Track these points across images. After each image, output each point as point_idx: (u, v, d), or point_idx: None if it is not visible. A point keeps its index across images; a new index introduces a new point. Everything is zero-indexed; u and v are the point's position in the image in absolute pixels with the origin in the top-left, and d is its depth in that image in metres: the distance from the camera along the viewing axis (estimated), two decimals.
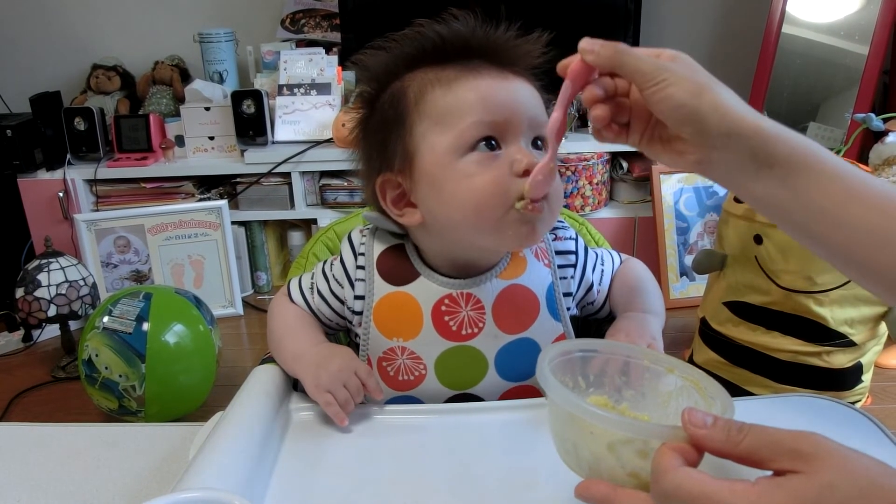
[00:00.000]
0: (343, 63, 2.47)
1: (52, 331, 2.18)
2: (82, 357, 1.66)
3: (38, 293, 1.93)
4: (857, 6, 2.27)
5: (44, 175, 2.40)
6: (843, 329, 1.58)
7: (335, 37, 2.59)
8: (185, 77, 2.65)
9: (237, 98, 2.34)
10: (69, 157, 2.41)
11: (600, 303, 0.82)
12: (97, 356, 1.63)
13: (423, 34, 0.70)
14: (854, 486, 0.39)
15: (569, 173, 2.30)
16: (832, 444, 0.41)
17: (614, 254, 0.85)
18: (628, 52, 0.56)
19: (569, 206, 2.30)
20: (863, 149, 2.07)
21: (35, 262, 1.98)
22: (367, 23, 2.44)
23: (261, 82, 2.51)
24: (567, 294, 0.77)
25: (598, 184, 2.35)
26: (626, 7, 2.44)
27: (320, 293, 0.79)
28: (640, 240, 2.38)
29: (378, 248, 0.76)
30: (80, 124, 2.38)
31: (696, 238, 2.35)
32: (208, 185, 2.48)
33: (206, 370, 1.72)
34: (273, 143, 2.42)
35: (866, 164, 1.84)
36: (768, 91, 2.44)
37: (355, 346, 0.77)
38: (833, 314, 1.57)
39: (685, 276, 2.34)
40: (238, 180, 2.42)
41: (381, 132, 0.72)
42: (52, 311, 1.94)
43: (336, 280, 0.78)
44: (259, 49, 2.61)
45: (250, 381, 0.73)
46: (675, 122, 0.55)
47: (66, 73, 2.74)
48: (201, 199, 2.41)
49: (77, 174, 2.38)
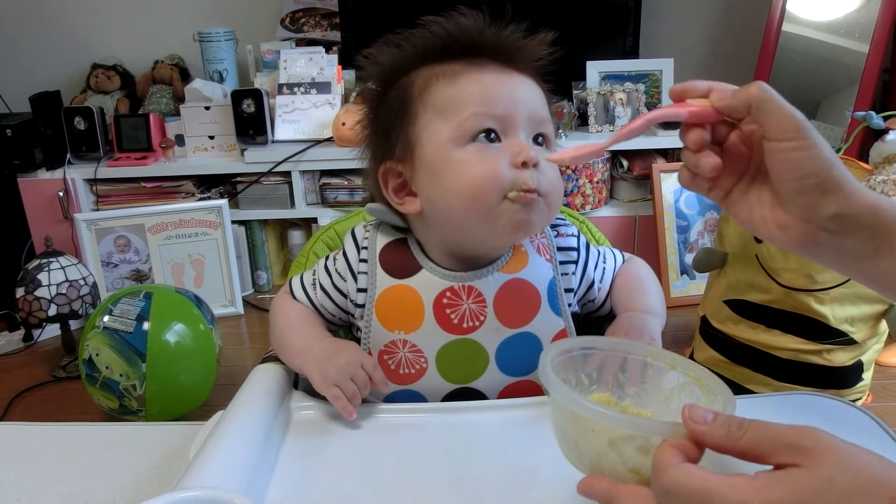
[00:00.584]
0: (343, 62, 2.47)
1: (53, 330, 2.18)
2: (83, 356, 1.66)
3: (39, 293, 1.93)
4: (858, 4, 2.27)
5: (44, 174, 2.40)
6: (844, 327, 1.58)
7: (335, 36, 2.59)
8: (185, 76, 2.65)
9: (237, 97, 2.34)
10: (69, 156, 2.41)
11: (601, 300, 0.82)
12: (98, 355, 1.63)
13: (433, 32, 0.71)
14: (853, 481, 0.39)
15: (569, 172, 2.30)
16: (832, 439, 0.41)
17: (617, 252, 0.85)
18: (771, 97, 0.49)
19: (569, 205, 2.30)
20: (863, 147, 2.07)
21: (35, 262, 1.98)
22: (366, 22, 2.44)
23: (261, 81, 2.51)
24: (568, 290, 0.78)
25: (598, 182, 2.35)
26: (627, 5, 2.44)
27: (323, 288, 0.79)
28: (641, 238, 2.38)
29: (381, 242, 0.77)
30: (80, 124, 2.38)
31: (696, 236, 2.35)
32: (208, 184, 2.48)
33: (206, 369, 1.72)
34: (273, 142, 2.42)
35: (867, 162, 1.83)
36: None
37: (357, 342, 0.77)
38: (833, 312, 1.57)
39: (686, 275, 2.34)
40: (238, 179, 2.42)
41: (386, 122, 0.73)
42: (52, 311, 1.95)
43: (339, 274, 0.78)
44: (259, 48, 2.61)
45: (251, 380, 0.73)
46: (794, 191, 0.49)
47: (66, 72, 2.74)
48: (201, 199, 2.41)
49: (77, 174, 2.38)
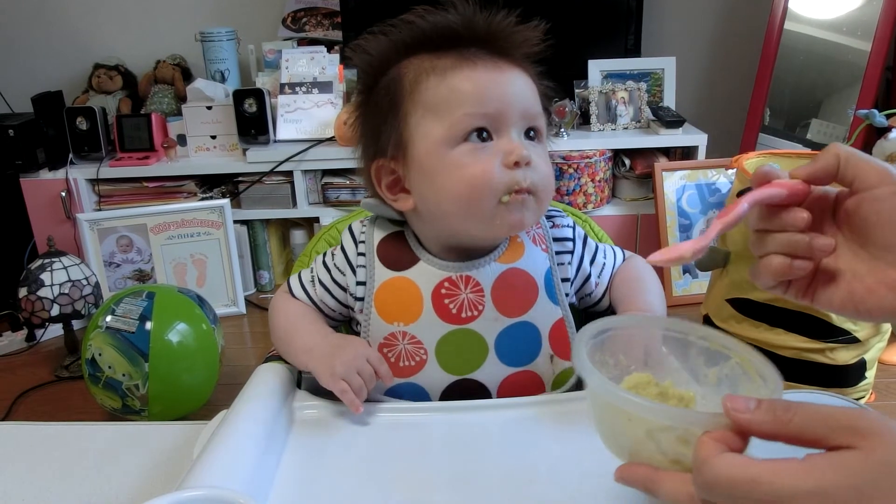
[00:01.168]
0: (345, 61, 2.47)
1: (56, 330, 2.18)
2: (85, 356, 1.66)
3: (41, 293, 1.93)
4: (860, 2, 2.27)
5: (46, 175, 2.40)
6: (847, 325, 1.58)
7: (336, 35, 2.59)
8: (187, 76, 2.65)
9: (239, 97, 2.34)
10: (71, 156, 2.41)
11: (598, 295, 0.82)
12: (100, 355, 1.63)
13: (421, 21, 0.71)
14: None
15: (571, 170, 2.30)
16: (889, 422, 0.38)
17: (617, 250, 0.85)
18: (853, 151, 0.45)
19: (571, 204, 2.30)
20: (865, 145, 2.07)
21: (38, 262, 1.98)
22: (368, 21, 2.42)
23: (262, 81, 2.51)
24: (565, 280, 0.78)
25: (600, 181, 2.35)
26: (629, 4, 2.44)
27: (322, 283, 0.79)
28: (643, 237, 2.37)
29: (378, 236, 0.77)
30: (82, 124, 2.38)
31: (698, 235, 2.35)
32: (210, 184, 2.48)
33: (209, 369, 1.72)
34: (275, 141, 2.42)
35: None
36: (771, 88, 2.43)
37: (357, 336, 0.78)
38: None
39: (688, 274, 2.34)
40: (240, 179, 2.42)
41: (376, 119, 0.73)
42: (55, 311, 1.95)
43: (338, 268, 0.79)
44: (261, 48, 2.61)
45: (254, 379, 0.73)
46: None
47: (68, 72, 2.75)
48: (203, 198, 2.41)
49: (79, 174, 2.38)
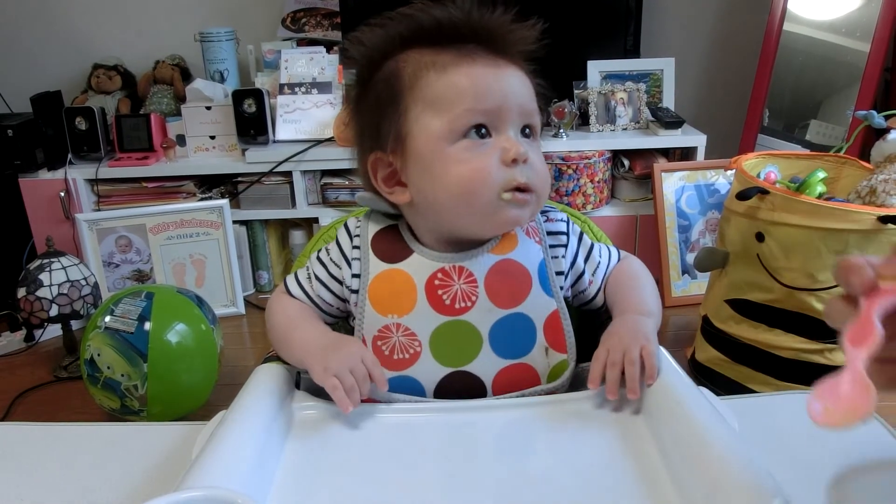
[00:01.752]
0: (343, 58, 2.47)
1: (54, 330, 2.18)
2: (84, 357, 1.66)
3: (40, 293, 1.93)
4: (859, 3, 2.27)
5: (45, 175, 2.40)
6: None
7: (336, 36, 2.59)
8: (186, 76, 2.65)
9: (238, 97, 2.34)
10: (70, 156, 2.41)
11: (592, 293, 0.82)
12: (99, 356, 1.63)
13: (420, 14, 0.71)
14: None
15: (570, 171, 2.30)
16: None
17: (613, 250, 0.85)
18: None
19: (570, 205, 2.30)
20: (864, 146, 2.07)
21: (37, 262, 1.98)
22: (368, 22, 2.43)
23: (262, 81, 2.51)
24: (559, 273, 0.78)
25: (599, 182, 2.35)
26: (628, 4, 2.44)
27: (318, 278, 0.80)
28: (642, 238, 2.37)
29: (372, 230, 0.78)
30: (81, 124, 2.38)
31: (697, 236, 2.35)
32: (209, 184, 2.48)
33: (208, 369, 1.72)
34: (274, 142, 2.42)
35: (868, 161, 1.83)
36: (770, 89, 2.44)
37: (352, 331, 0.78)
38: None
39: (687, 274, 2.34)
40: (239, 179, 2.42)
41: (375, 112, 0.73)
42: (53, 311, 1.95)
43: (333, 262, 0.79)
44: (260, 48, 2.61)
45: (252, 379, 0.73)
46: None
47: (67, 72, 2.75)
48: (203, 199, 2.41)
49: (78, 174, 2.38)
